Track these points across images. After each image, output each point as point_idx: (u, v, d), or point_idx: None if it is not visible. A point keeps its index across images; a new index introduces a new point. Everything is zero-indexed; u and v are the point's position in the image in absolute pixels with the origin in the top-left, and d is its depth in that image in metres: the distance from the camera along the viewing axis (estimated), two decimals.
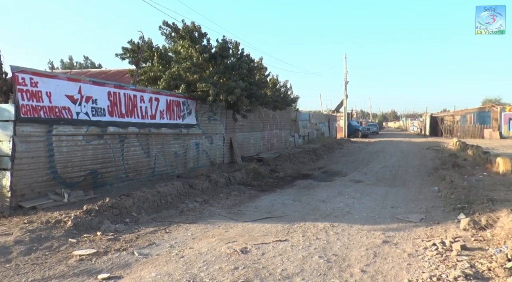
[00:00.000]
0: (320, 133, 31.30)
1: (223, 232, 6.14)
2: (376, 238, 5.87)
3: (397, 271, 4.52)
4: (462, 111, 41.86)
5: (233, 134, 15.17)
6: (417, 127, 61.38)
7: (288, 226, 6.47)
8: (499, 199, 7.61)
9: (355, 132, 41.71)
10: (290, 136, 23.17)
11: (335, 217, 7.16)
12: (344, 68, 40.87)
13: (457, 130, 39.62)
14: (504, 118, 36.83)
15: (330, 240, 5.71)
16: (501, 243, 5.32)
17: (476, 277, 4.25)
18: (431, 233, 6.19)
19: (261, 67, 17.50)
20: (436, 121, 44.29)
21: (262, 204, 8.31)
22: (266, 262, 4.74)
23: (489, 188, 8.95)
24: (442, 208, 7.97)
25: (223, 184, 10.27)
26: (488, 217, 6.43)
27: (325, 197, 9.12)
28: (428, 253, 5.13)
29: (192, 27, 12.69)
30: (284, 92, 20.85)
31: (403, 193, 9.77)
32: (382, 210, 7.81)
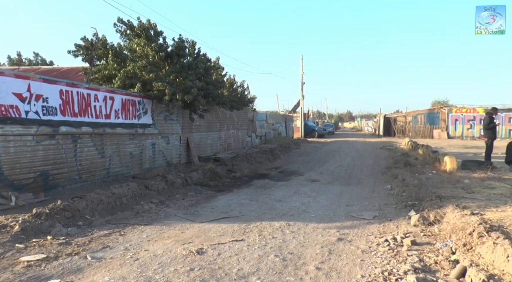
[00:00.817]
0: (277, 134, 31.58)
1: (179, 233, 6.09)
2: (331, 235, 6.00)
3: (351, 267, 4.65)
4: (413, 112, 43.38)
5: (190, 134, 15.05)
6: (371, 127, 63.09)
7: (244, 226, 6.50)
8: (446, 196, 7.95)
9: (312, 132, 42.35)
10: (247, 136, 23.24)
11: (291, 216, 7.26)
12: (301, 69, 41.41)
13: (409, 130, 41.03)
14: (451, 119, 38.54)
15: (286, 238, 5.79)
16: (447, 238, 5.60)
17: (424, 270, 4.45)
18: (383, 229, 6.40)
19: (218, 67, 17.48)
20: (390, 122, 45.68)
21: (218, 204, 8.30)
22: (222, 262, 4.75)
23: (437, 185, 9.32)
24: (394, 205, 8.26)
25: (180, 185, 10.17)
26: (436, 213, 6.73)
27: (281, 196, 9.23)
28: (381, 249, 5.31)
29: (148, 25, 12.49)
30: (241, 92, 20.94)
31: (357, 191, 10.03)
32: (337, 208, 7.98)
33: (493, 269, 4.17)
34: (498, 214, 6.28)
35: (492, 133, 13.37)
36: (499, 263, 4.21)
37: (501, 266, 4.15)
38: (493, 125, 13.39)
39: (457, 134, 37.99)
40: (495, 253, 4.39)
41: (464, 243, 5.11)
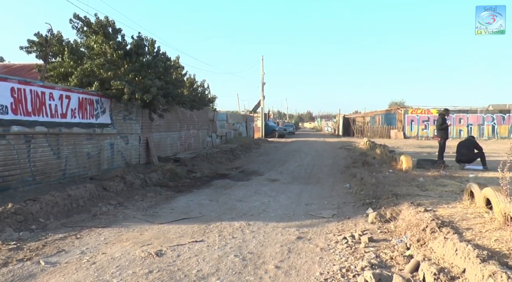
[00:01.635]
0: (237, 134, 31.60)
1: (138, 235, 5.99)
2: (290, 234, 6.08)
3: (310, 265, 4.73)
4: (371, 113, 44.48)
5: (149, 134, 14.81)
6: (331, 127, 64.21)
7: (204, 226, 6.47)
8: (401, 194, 8.20)
9: (272, 132, 42.64)
10: (208, 136, 23.13)
11: (251, 216, 7.29)
12: (261, 69, 41.61)
13: (367, 130, 42.02)
14: (407, 120, 39.80)
15: (246, 238, 5.82)
16: (402, 234, 5.80)
17: (380, 266, 4.59)
18: (342, 227, 6.54)
19: (178, 66, 17.30)
20: (349, 122, 46.63)
21: (178, 205, 8.23)
22: (181, 263, 4.71)
23: (394, 183, 9.59)
24: (352, 203, 8.46)
25: (139, 186, 10.01)
26: (392, 211, 6.96)
27: (241, 196, 9.25)
28: (339, 247, 5.43)
29: (106, 22, 12.19)
30: (202, 92, 20.81)
31: (317, 190, 10.19)
32: (297, 207, 8.09)
33: (444, 263, 4.36)
34: (449, 210, 6.55)
35: (445, 133, 13.90)
36: (449, 257, 4.40)
37: (451, 259, 4.34)
38: (446, 126, 13.92)
39: (413, 134, 39.29)
40: (445, 247, 4.59)
41: (418, 238, 5.31)
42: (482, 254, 4.01)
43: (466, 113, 39.30)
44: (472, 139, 13.68)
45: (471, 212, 6.32)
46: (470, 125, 39.02)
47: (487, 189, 6.20)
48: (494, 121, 38.85)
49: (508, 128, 38.68)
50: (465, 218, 6.01)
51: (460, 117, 39.15)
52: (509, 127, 38.68)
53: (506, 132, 38.54)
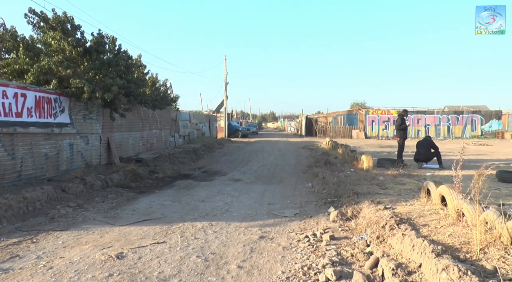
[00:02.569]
0: (200, 133, 31.39)
1: (98, 237, 5.85)
2: (253, 234, 6.10)
3: (272, 264, 4.76)
4: (334, 113, 45.18)
5: (110, 134, 14.49)
6: (294, 127, 64.82)
7: (166, 228, 6.40)
8: (362, 192, 8.38)
9: (235, 132, 42.62)
10: (170, 136, 22.86)
11: (214, 216, 7.26)
12: (224, 69, 41.54)
13: (330, 130, 42.68)
14: (368, 120, 40.74)
15: (209, 239, 5.79)
16: (363, 231, 5.94)
17: (341, 263, 4.69)
18: (304, 226, 6.62)
19: (139, 64, 17.03)
20: (311, 122, 47.18)
21: (140, 206, 8.09)
22: (142, 266, 4.64)
23: (355, 182, 9.78)
24: (314, 202, 8.57)
25: (99, 187, 9.78)
26: (353, 209, 7.11)
27: (204, 196, 9.20)
28: (301, 245, 5.50)
29: (64, 17, 11.81)
30: (164, 91, 20.57)
31: (279, 189, 10.27)
32: (260, 207, 8.12)
33: (402, 258, 4.49)
34: (407, 208, 6.75)
35: (404, 133, 14.30)
36: (406, 252, 4.54)
37: (408, 255, 4.48)
38: (405, 126, 14.33)
39: (374, 134, 40.27)
40: (403, 243, 4.73)
41: (377, 235, 5.45)
42: (436, 249, 4.17)
43: (423, 114, 40.67)
44: (429, 139, 14.15)
45: (427, 209, 6.54)
46: (427, 126, 40.40)
47: (442, 186, 6.44)
48: (449, 122, 40.42)
49: (461, 128, 40.34)
50: (422, 215, 6.21)
51: (418, 118, 40.46)
52: (462, 127, 40.34)
53: (460, 132, 40.21)
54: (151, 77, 19.36)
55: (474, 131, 40.41)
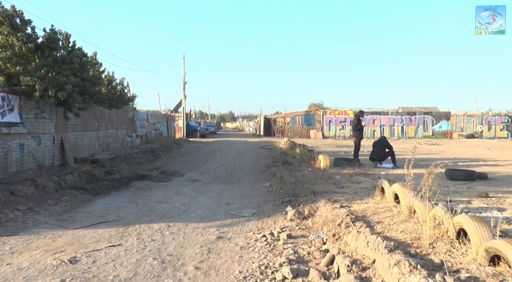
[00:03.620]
0: (158, 133, 30.95)
1: (49, 242, 5.64)
2: (211, 234, 6.07)
3: (230, 264, 4.76)
4: (292, 114, 45.70)
5: (64, 134, 14.01)
6: (252, 128, 65.04)
7: (122, 230, 6.26)
8: (319, 191, 8.52)
9: (194, 132, 42.29)
10: (128, 136, 22.40)
11: (171, 217, 7.17)
12: (183, 68, 41.09)
13: (288, 131, 43.12)
14: (325, 121, 41.48)
15: (165, 240, 5.72)
16: (319, 229, 6.05)
17: (298, 261, 4.75)
18: (262, 225, 6.65)
19: (95, 62, 16.57)
20: (270, 122, 47.53)
21: (95, 208, 7.87)
22: (97, 270, 4.52)
23: (312, 181, 9.93)
24: (272, 202, 8.63)
25: (52, 189, 9.43)
26: (310, 208, 7.22)
27: (162, 197, 9.07)
28: (259, 245, 5.53)
29: (13, 11, 11.26)
30: (121, 90, 20.12)
31: (237, 189, 10.27)
32: (218, 207, 8.09)
33: (356, 255, 4.61)
34: (362, 206, 6.93)
35: (360, 133, 14.66)
36: (361, 249, 4.66)
37: (363, 251, 4.60)
38: (361, 126, 14.69)
39: (331, 134, 41.04)
40: (358, 240, 4.86)
41: (333, 233, 5.57)
42: (389, 245, 4.30)
43: (379, 115, 41.87)
44: (384, 139, 14.59)
45: (381, 207, 6.74)
46: (382, 126, 41.62)
47: (395, 185, 6.65)
48: (403, 123, 41.84)
49: (414, 129, 41.86)
50: (376, 212, 6.39)
51: (374, 118, 41.61)
52: (415, 128, 41.86)
53: (413, 132, 41.70)
54: (107, 76, 18.87)
55: (425, 131, 42.00)
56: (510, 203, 7.38)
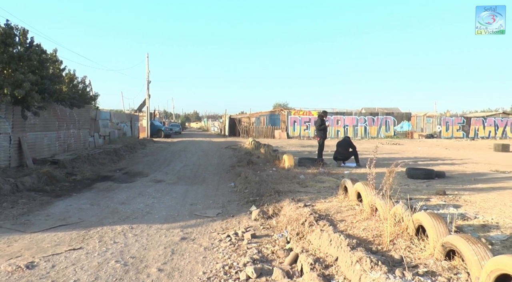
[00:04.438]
0: (122, 133, 30.36)
1: (4, 247, 5.42)
2: (174, 235, 6.01)
3: (193, 265, 4.72)
4: (257, 114, 45.83)
5: (22, 134, 13.51)
6: (217, 128, 64.83)
7: (84, 233, 6.10)
8: (283, 191, 8.59)
9: (158, 132, 41.75)
10: (90, 136, 21.86)
11: (134, 219, 7.05)
12: (147, 67, 40.52)
13: (253, 131, 43.21)
14: (290, 121, 41.87)
15: (128, 242, 5.61)
16: (283, 229, 6.10)
17: (261, 261, 4.78)
18: (226, 225, 6.64)
19: (55, 60, 16.07)
20: (235, 122, 47.47)
21: (55, 211, 7.63)
22: (56, 275, 4.38)
23: (276, 181, 9.99)
24: (237, 201, 8.62)
25: (8, 191, 9.08)
26: (274, 207, 7.27)
27: (125, 198, 8.90)
28: (223, 245, 5.51)
29: None
30: (83, 89, 19.62)
31: (202, 190, 10.21)
32: (182, 208, 8.02)
33: (320, 253, 4.67)
34: (326, 205, 7.03)
35: (323, 133, 14.87)
36: (324, 247, 4.73)
37: (326, 250, 4.67)
38: (324, 126, 14.90)
39: (296, 134, 41.46)
40: (321, 239, 4.93)
41: (297, 232, 5.62)
42: (352, 242, 4.39)
43: (343, 115, 42.63)
44: (347, 139, 14.86)
45: (345, 205, 6.86)
46: (346, 126, 42.39)
47: (358, 184, 6.79)
48: (366, 123, 42.78)
49: (377, 129, 42.87)
50: (339, 211, 6.50)
51: (338, 119, 42.32)
52: (377, 128, 42.87)
53: (376, 132, 42.71)
54: (68, 74, 18.35)
55: (387, 131, 43.08)
56: (465, 200, 7.68)
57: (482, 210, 6.78)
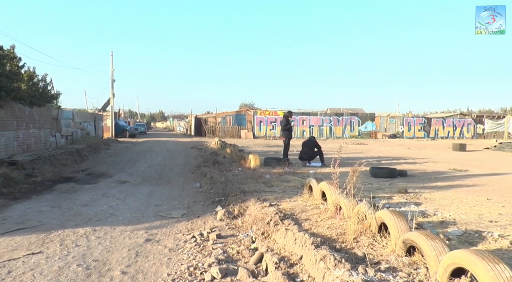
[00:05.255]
0: (85, 133, 29.64)
1: None
2: (139, 237, 5.91)
3: (158, 267, 4.66)
4: (223, 114, 45.69)
5: None
6: (183, 127, 64.26)
7: (44, 236, 5.91)
8: (249, 190, 8.60)
9: (123, 132, 40.99)
10: (51, 136, 21.21)
11: (97, 221, 6.89)
12: (111, 66, 39.63)
13: (219, 130, 43.07)
14: (256, 121, 42.02)
15: (91, 245, 5.48)
16: (249, 228, 6.11)
17: (227, 261, 4.77)
18: (191, 226, 6.59)
19: (13, 56, 15.51)
20: (201, 122, 47.14)
21: (13, 214, 7.36)
22: (12, 281, 4.22)
23: (242, 181, 9.99)
24: (202, 202, 8.56)
25: None
26: (240, 207, 7.28)
27: (88, 200, 8.68)
28: (188, 246, 5.46)
29: None
30: (43, 87, 18.99)
31: (167, 190, 10.09)
32: (147, 209, 7.90)
33: (285, 252, 4.71)
34: (291, 204, 7.10)
35: (289, 133, 14.99)
36: (289, 246, 4.78)
37: (291, 248, 4.71)
38: (290, 126, 15.03)
39: (262, 134, 41.64)
40: (286, 238, 4.97)
41: (262, 232, 5.65)
42: (316, 241, 4.45)
43: (308, 116, 43.14)
44: (313, 139, 15.06)
45: (309, 204, 6.95)
46: (311, 126, 42.91)
47: (322, 183, 6.89)
48: (331, 123, 43.46)
49: (342, 129, 43.63)
50: (304, 210, 6.58)
51: (303, 119, 42.79)
52: (342, 128, 43.63)
53: (341, 132, 43.47)
54: (27, 71, 17.70)
55: (352, 131, 43.90)
56: (425, 197, 7.93)
57: (441, 207, 7.03)
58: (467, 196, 8.13)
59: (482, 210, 6.86)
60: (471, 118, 47.46)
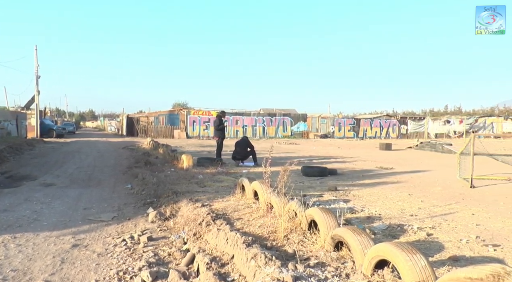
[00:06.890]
0: (5, 133, 27.79)
1: None
2: (65, 243, 5.64)
3: (85, 273, 4.47)
4: (155, 113, 44.78)
5: None
6: (115, 127, 62.15)
7: None
8: (181, 191, 8.50)
9: (49, 131, 38.85)
10: None
11: (18, 227, 6.46)
12: (35, 61, 37.36)
13: (152, 130, 42.17)
14: (189, 121, 41.66)
15: (10, 254, 5.12)
16: (181, 230, 6.05)
17: (158, 264, 4.68)
18: (122, 229, 6.39)
19: None
20: (133, 122, 45.86)
21: None
22: None
23: (174, 182, 9.84)
24: (133, 204, 8.34)
25: None
26: (172, 208, 7.18)
27: (7, 205, 8.11)
28: (118, 250, 5.30)
29: None
30: None
31: (97, 193, 9.71)
32: (74, 213, 7.55)
33: (216, 252, 4.72)
34: (224, 204, 7.13)
35: (222, 133, 15.03)
36: (221, 246, 4.79)
37: (222, 248, 4.73)
38: (223, 126, 15.06)
39: (195, 134, 41.36)
40: (218, 238, 4.98)
41: (194, 232, 5.62)
42: (247, 240, 4.50)
43: (242, 116, 43.45)
44: (246, 139, 15.19)
45: (242, 204, 7.02)
46: (245, 127, 43.27)
47: (254, 182, 6.99)
48: (264, 123, 44.10)
49: (275, 129, 44.42)
50: (236, 209, 6.63)
51: (237, 119, 43.03)
52: (275, 128, 44.43)
53: (274, 132, 44.25)
54: None
55: (285, 131, 44.81)
56: (354, 194, 8.29)
57: (368, 203, 7.39)
58: (391, 192, 8.61)
59: (404, 205, 7.31)
60: (396, 120, 50.28)
